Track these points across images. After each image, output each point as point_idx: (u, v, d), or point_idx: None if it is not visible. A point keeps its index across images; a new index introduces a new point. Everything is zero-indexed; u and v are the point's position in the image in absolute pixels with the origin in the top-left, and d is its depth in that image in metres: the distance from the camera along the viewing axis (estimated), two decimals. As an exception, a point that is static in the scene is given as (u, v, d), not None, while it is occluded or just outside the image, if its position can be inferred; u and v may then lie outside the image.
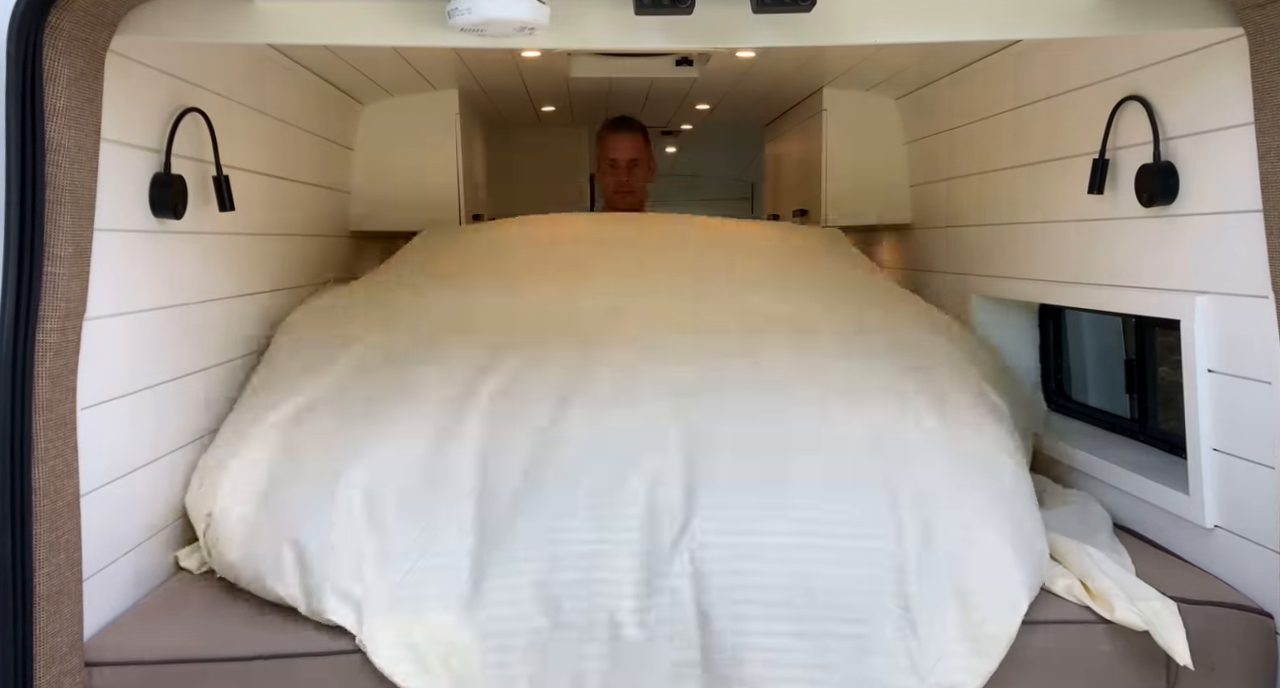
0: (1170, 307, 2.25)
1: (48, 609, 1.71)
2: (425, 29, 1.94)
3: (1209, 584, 2.10)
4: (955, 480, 2.03)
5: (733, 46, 3.01)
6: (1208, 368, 2.15)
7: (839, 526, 1.94)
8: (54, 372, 1.71)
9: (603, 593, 1.88)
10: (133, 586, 2.09)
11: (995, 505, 2.01)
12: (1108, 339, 3.07)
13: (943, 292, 3.65)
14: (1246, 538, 2.06)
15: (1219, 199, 2.08)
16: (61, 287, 1.72)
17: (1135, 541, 2.37)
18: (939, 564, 1.90)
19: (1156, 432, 2.66)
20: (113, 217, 1.97)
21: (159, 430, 2.21)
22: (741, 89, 4.25)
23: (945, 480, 2.03)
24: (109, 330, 1.97)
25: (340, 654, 1.91)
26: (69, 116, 1.70)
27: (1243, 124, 1.95)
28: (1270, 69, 1.84)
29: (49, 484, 1.70)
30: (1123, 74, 2.38)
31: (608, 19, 1.97)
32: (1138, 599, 1.96)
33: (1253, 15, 1.87)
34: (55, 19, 1.67)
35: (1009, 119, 3.03)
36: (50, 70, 1.67)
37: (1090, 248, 2.58)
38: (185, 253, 2.33)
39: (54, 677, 1.73)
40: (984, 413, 2.32)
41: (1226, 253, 2.07)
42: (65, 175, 1.70)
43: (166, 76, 2.21)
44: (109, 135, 1.89)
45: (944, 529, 1.94)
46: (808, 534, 1.92)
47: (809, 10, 1.81)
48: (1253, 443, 2.02)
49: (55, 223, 1.70)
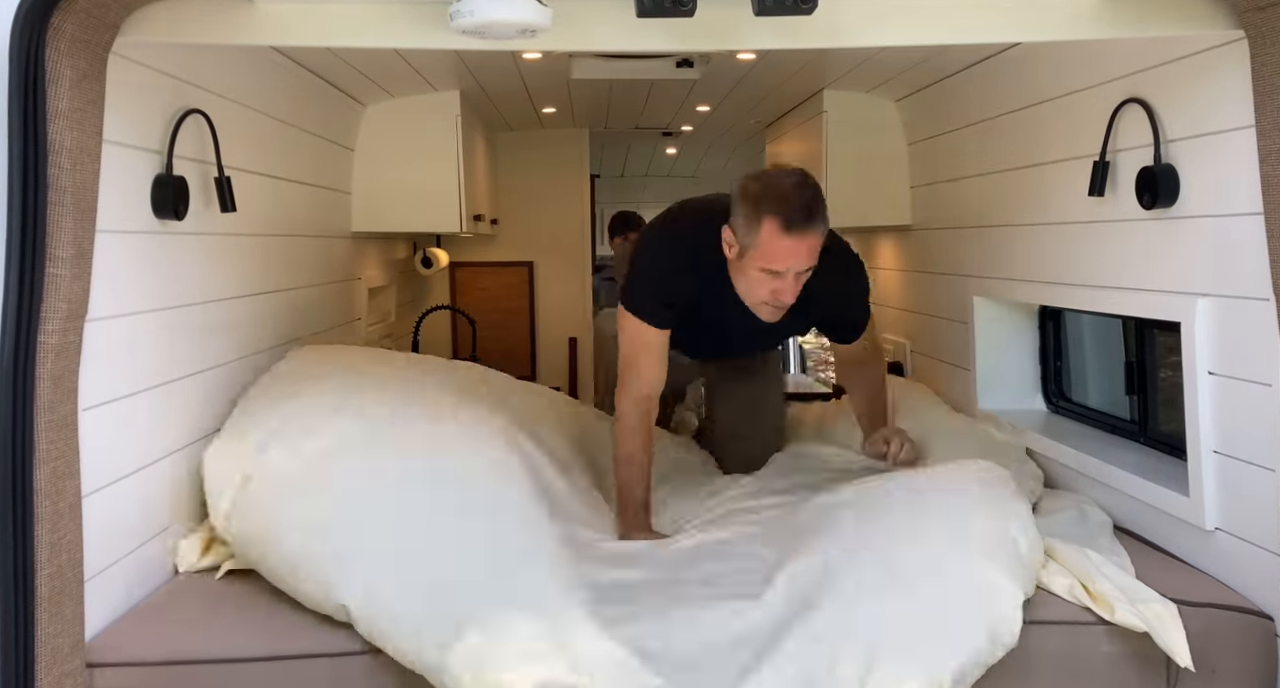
0: (1171, 309, 2.25)
1: (49, 610, 1.71)
2: (427, 31, 1.94)
3: (1209, 587, 2.11)
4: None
5: (734, 49, 3.01)
6: (1208, 370, 2.15)
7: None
8: (55, 373, 1.71)
9: None
10: (134, 586, 2.09)
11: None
12: (1108, 341, 3.07)
13: (943, 293, 3.65)
14: (1247, 540, 2.06)
15: (1220, 202, 2.09)
16: (63, 288, 1.72)
17: (1135, 543, 2.37)
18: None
19: (1157, 434, 2.67)
20: (115, 218, 1.97)
21: (160, 432, 2.21)
22: (742, 90, 4.25)
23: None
24: (111, 332, 1.97)
25: (340, 655, 1.91)
26: (71, 118, 1.71)
27: (1244, 127, 1.95)
28: (1271, 72, 1.84)
29: (50, 485, 1.70)
30: (1123, 76, 2.38)
31: (609, 21, 1.97)
32: (1138, 601, 1.96)
33: (1254, 18, 1.87)
34: (57, 21, 1.67)
35: (1010, 121, 3.03)
36: (52, 72, 1.68)
37: (1091, 250, 2.58)
38: (187, 254, 2.33)
39: (55, 678, 1.73)
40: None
41: (1227, 255, 2.07)
42: (67, 177, 1.71)
43: (168, 78, 2.21)
44: (111, 137, 1.89)
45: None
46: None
47: (810, 13, 1.81)
48: (1253, 445, 2.02)
49: (57, 224, 1.70)
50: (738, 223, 2.46)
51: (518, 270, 6.02)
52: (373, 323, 4.40)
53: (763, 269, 2.44)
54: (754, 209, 2.41)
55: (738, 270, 2.52)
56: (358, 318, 4.05)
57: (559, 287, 5.95)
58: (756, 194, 2.42)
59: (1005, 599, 1.88)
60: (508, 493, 2.27)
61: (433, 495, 2.17)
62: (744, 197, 2.44)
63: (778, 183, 2.44)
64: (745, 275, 2.50)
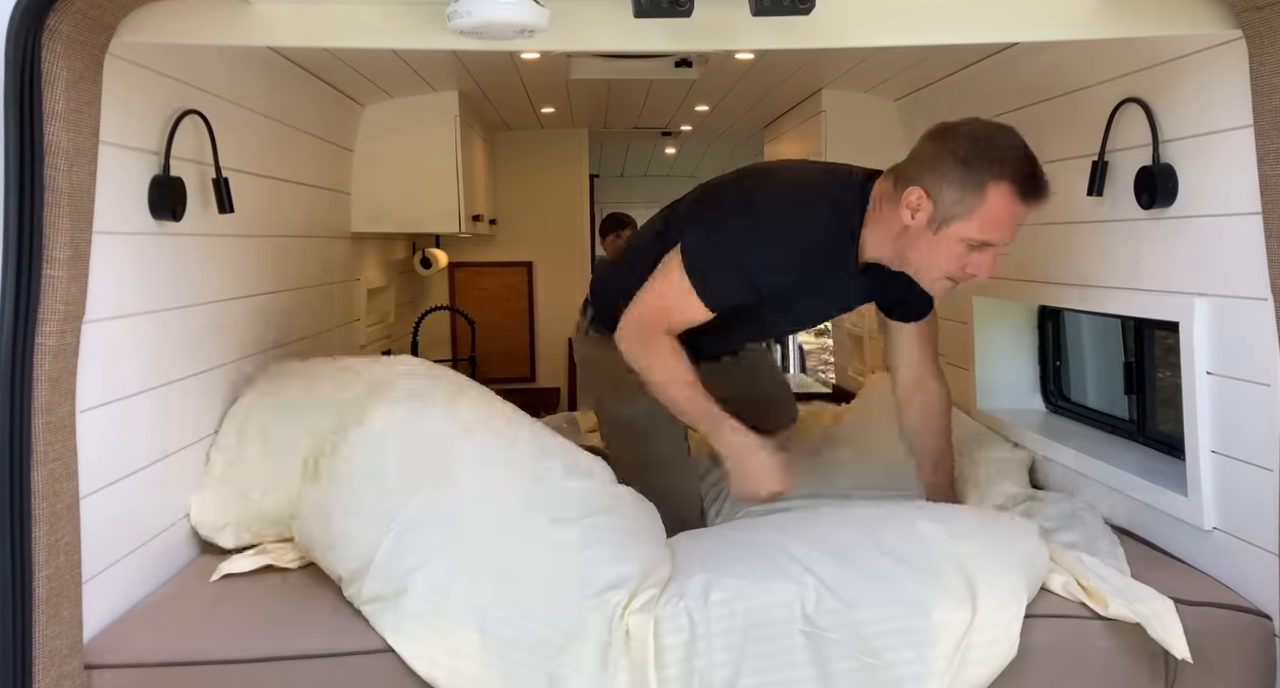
0: (1169, 309, 2.25)
1: (47, 612, 1.71)
2: (424, 31, 1.94)
3: (1207, 586, 2.11)
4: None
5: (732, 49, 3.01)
6: (1206, 370, 2.15)
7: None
8: (53, 374, 1.71)
9: None
10: (133, 588, 2.09)
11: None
12: (1107, 341, 3.07)
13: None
14: (1245, 540, 2.06)
15: (1218, 201, 2.08)
16: (60, 289, 1.72)
17: (1134, 543, 2.37)
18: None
19: (1156, 434, 2.66)
20: (112, 219, 1.97)
21: (158, 433, 2.21)
22: (740, 90, 4.25)
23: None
24: (108, 333, 1.96)
25: (340, 656, 1.91)
26: (68, 119, 1.70)
27: (1242, 127, 1.95)
28: (1269, 72, 1.84)
29: (48, 487, 1.70)
30: (1122, 76, 2.38)
31: (607, 21, 1.97)
32: (1134, 600, 1.97)
33: (1252, 18, 1.87)
34: (54, 22, 1.67)
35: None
36: (49, 73, 1.67)
37: (1089, 250, 2.58)
38: (185, 255, 2.33)
39: (53, 680, 1.73)
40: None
41: (1225, 255, 2.07)
42: (64, 178, 1.70)
43: (165, 79, 2.21)
44: (108, 138, 1.89)
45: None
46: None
47: (808, 13, 1.81)
48: (1251, 445, 2.02)
49: (54, 226, 1.70)
50: (944, 185, 2.15)
51: (517, 271, 6.03)
52: (372, 324, 4.40)
53: (970, 239, 2.17)
54: (981, 170, 2.12)
55: (916, 239, 2.22)
56: (357, 319, 4.05)
57: (558, 287, 5.95)
58: (981, 155, 2.13)
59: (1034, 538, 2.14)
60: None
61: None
62: (956, 156, 2.14)
63: (1005, 143, 2.17)
64: (936, 245, 2.20)
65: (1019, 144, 2.18)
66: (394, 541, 2.02)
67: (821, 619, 1.93)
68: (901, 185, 2.21)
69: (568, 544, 2.02)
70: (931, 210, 2.18)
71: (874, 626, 1.92)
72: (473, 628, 1.91)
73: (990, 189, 2.13)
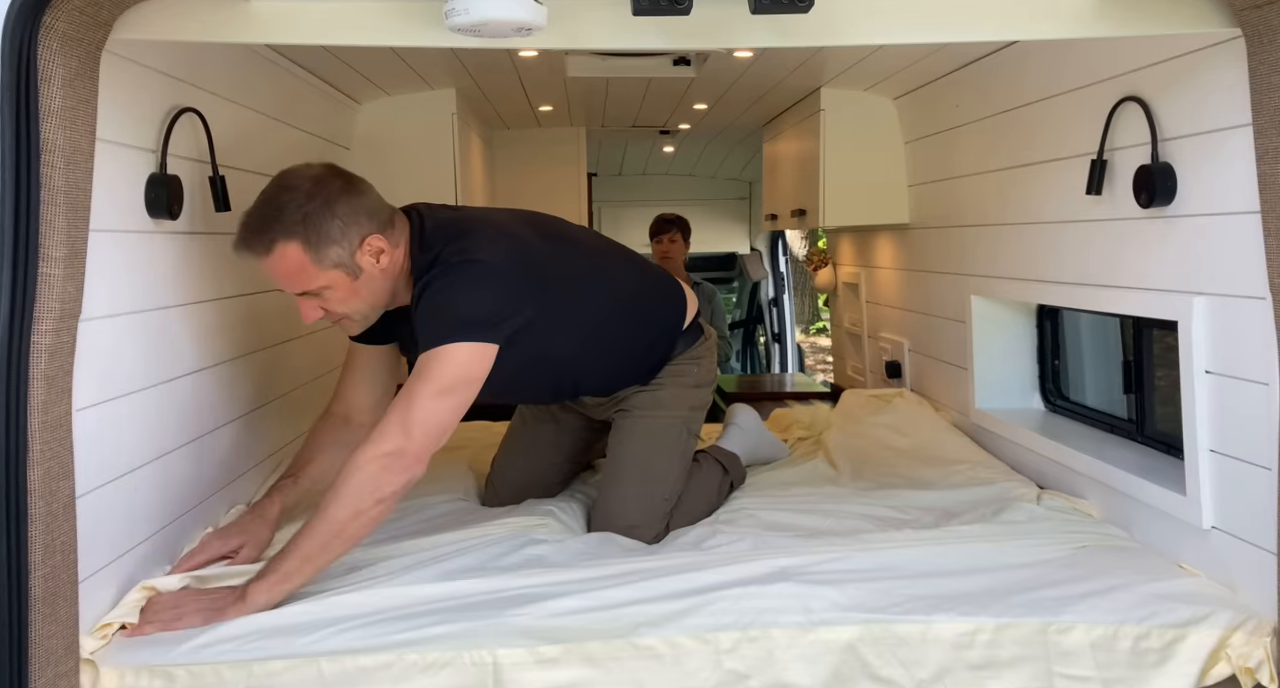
0: (1168, 308, 2.25)
1: (44, 611, 1.70)
2: (422, 29, 1.94)
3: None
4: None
5: (730, 47, 3.01)
6: (1205, 369, 2.15)
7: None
8: (49, 373, 1.71)
9: None
10: (130, 587, 2.09)
11: None
12: (1106, 340, 3.07)
13: (940, 292, 3.65)
14: (1243, 539, 2.06)
15: (1217, 200, 2.08)
16: (56, 288, 1.71)
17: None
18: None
19: (1154, 433, 2.66)
20: (108, 217, 1.96)
21: (154, 432, 2.20)
22: (739, 89, 4.25)
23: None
24: (104, 332, 1.96)
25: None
26: (64, 117, 1.70)
27: (1241, 125, 1.95)
28: (1268, 70, 1.83)
29: (45, 486, 1.69)
30: (1120, 75, 2.38)
31: (605, 19, 1.97)
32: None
33: (1250, 17, 1.86)
34: (50, 19, 1.66)
35: (1007, 119, 3.02)
36: (45, 70, 1.67)
37: (1088, 249, 2.58)
38: (181, 254, 2.33)
39: (50, 679, 1.72)
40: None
41: (1224, 254, 2.07)
42: (60, 176, 1.70)
43: (162, 76, 2.20)
44: (104, 136, 1.88)
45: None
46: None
47: (807, 11, 1.81)
48: (1250, 444, 2.02)
49: (50, 224, 1.69)
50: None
51: (515, 269, 6.01)
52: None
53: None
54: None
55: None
56: (354, 317, 4.04)
57: (556, 285, 5.94)
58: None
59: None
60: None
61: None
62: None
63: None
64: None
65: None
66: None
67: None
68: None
69: None
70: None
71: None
72: None
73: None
